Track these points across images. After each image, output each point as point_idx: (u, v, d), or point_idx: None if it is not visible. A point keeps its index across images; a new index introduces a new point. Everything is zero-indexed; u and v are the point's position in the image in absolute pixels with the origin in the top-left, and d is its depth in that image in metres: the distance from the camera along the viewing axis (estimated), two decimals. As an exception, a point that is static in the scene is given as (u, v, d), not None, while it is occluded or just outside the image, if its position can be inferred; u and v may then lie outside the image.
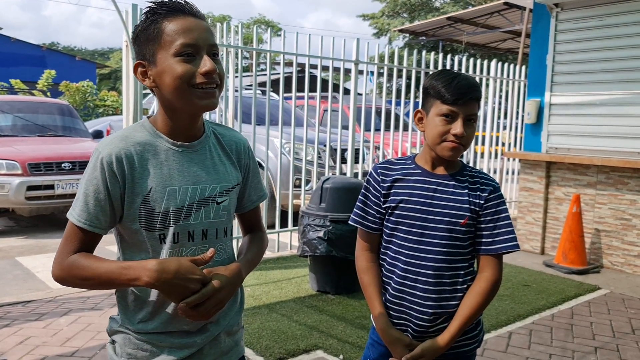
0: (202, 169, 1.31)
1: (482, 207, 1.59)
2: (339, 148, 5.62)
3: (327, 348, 3.18)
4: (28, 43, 23.57)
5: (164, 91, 1.24)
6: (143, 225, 1.25)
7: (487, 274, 1.59)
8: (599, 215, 5.36)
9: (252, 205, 1.48)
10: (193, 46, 1.22)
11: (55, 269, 1.25)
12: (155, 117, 1.31)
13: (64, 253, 1.24)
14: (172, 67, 1.21)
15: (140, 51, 1.27)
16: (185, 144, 1.30)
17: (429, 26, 16.64)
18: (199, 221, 1.30)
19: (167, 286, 1.16)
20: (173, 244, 1.27)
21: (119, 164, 1.22)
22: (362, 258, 1.70)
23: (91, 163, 1.24)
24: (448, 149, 1.56)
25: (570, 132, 5.61)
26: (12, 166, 6.11)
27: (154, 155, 1.26)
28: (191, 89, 1.22)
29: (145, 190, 1.24)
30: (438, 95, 1.56)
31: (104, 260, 1.22)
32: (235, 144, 1.41)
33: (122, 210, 1.25)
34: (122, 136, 1.26)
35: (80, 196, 1.24)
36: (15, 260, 5.18)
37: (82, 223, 1.23)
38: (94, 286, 1.24)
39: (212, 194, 1.31)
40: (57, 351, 3.09)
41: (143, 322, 1.29)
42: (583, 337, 3.56)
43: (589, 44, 5.41)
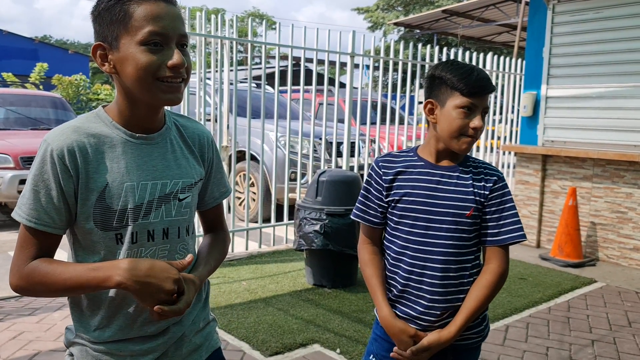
0: (163, 163, 1.22)
1: (487, 198, 1.57)
2: (335, 141, 5.59)
3: (324, 342, 3.16)
4: (20, 36, 23.35)
5: (124, 79, 1.14)
6: (98, 224, 1.15)
7: (494, 265, 1.57)
8: (595, 208, 5.37)
9: (215, 202, 1.39)
10: (162, 35, 1.11)
11: (13, 278, 1.14)
12: (112, 107, 1.21)
13: (21, 261, 1.13)
14: (136, 55, 1.10)
15: (101, 32, 1.15)
16: (144, 136, 1.20)
17: (424, 19, 16.61)
18: (159, 219, 1.20)
19: (140, 285, 1.07)
20: (131, 244, 1.17)
21: (71, 157, 1.11)
22: (364, 251, 1.67)
23: (39, 156, 1.12)
24: (465, 143, 1.54)
25: (567, 125, 5.60)
26: (4, 160, 6.05)
27: (110, 148, 1.16)
28: (155, 82, 1.12)
29: (100, 187, 1.14)
30: (457, 88, 1.52)
31: (68, 264, 1.13)
32: (199, 137, 1.32)
33: (75, 208, 1.15)
34: (74, 127, 1.15)
35: (27, 193, 1.12)
36: (8, 255, 5.12)
37: (34, 223, 1.12)
38: (60, 293, 1.14)
39: (174, 190, 1.22)
40: (50, 346, 3.05)
41: (99, 329, 1.19)
42: (580, 330, 3.56)
43: (586, 37, 5.39)
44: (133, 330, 1.20)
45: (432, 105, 1.59)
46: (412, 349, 1.54)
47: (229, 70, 4.90)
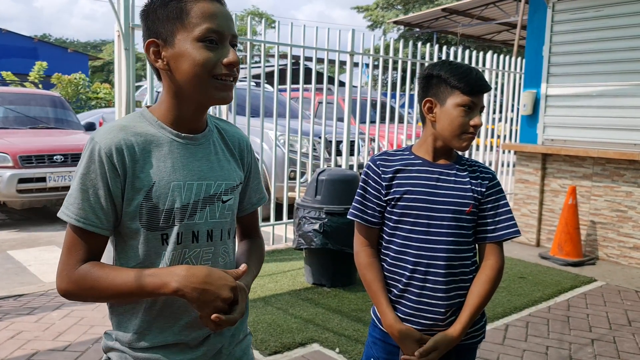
0: (207, 164, 1.21)
1: (484, 195, 1.60)
2: (334, 140, 5.58)
3: (323, 341, 3.16)
4: (19, 35, 23.32)
5: (177, 76, 1.13)
6: (144, 224, 1.13)
7: (492, 261, 1.60)
8: (594, 207, 5.36)
9: (252, 208, 1.38)
10: (218, 33, 1.12)
11: (62, 283, 1.11)
12: (156, 107, 1.20)
13: (70, 265, 1.11)
14: (193, 52, 1.10)
15: (154, 28, 1.14)
16: (190, 137, 1.19)
17: (424, 18, 16.59)
18: (203, 221, 1.19)
19: (198, 293, 1.06)
20: (176, 245, 1.15)
21: (119, 155, 1.10)
22: (363, 254, 1.65)
23: (86, 155, 1.10)
24: (466, 140, 1.57)
25: (567, 124, 5.59)
26: (3, 159, 6.03)
27: (156, 147, 1.14)
28: (211, 79, 1.12)
29: (147, 186, 1.12)
30: (457, 87, 1.54)
31: (121, 269, 1.11)
32: (239, 141, 1.32)
33: (121, 208, 1.13)
34: (121, 125, 1.14)
35: (75, 193, 1.10)
36: (7, 254, 5.11)
37: (82, 223, 1.09)
38: (111, 298, 1.13)
39: (218, 191, 1.21)
40: (49, 345, 3.04)
41: (138, 333, 1.16)
42: (579, 329, 3.55)
43: (586, 35, 5.38)
44: (172, 335, 1.17)
45: (431, 103, 1.60)
46: (420, 350, 1.52)
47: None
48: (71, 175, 6.32)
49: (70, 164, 6.38)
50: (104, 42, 44.54)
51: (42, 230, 6.16)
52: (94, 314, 3.51)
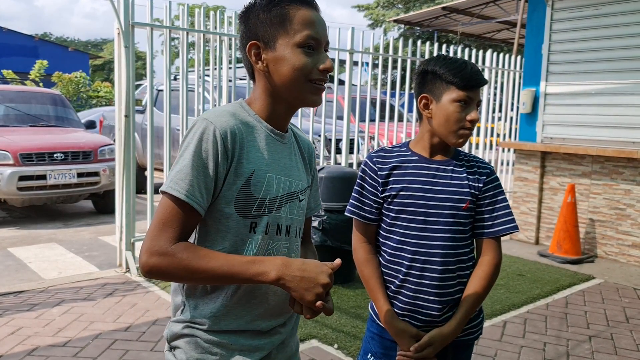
0: (289, 162, 1.27)
1: (481, 191, 1.59)
2: (334, 138, 5.59)
3: (322, 337, 3.17)
4: (20, 33, 23.37)
5: (275, 78, 1.19)
6: (239, 209, 1.16)
7: (489, 257, 1.59)
8: (593, 205, 5.37)
9: (310, 214, 1.41)
10: (316, 40, 1.19)
11: (151, 258, 1.09)
12: (253, 101, 1.25)
13: (164, 240, 1.10)
14: (292, 57, 1.17)
15: (255, 31, 1.20)
16: (280, 134, 1.25)
17: (424, 16, 16.59)
18: (285, 215, 1.24)
19: (297, 281, 1.09)
20: (264, 235, 1.19)
21: (232, 139, 1.14)
22: (361, 250, 1.66)
23: (198, 133, 1.12)
24: (463, 136, 1.56)
25: (566, 122, 5.60)
26: (4, 156, 6.05)
27: (256, 139, 1.20)
28: (306, 83, 1.19)
29: (247, 173, 1.16)
30: (452, 82, 1.54)
31: (217, 253, 1.13)
32: (308, 147, 1.38)
33: (220, 190, 1.15)
34: (231, 112, 1.19)
35: (185, 169, 1.11)
36: (8, 251, 5.13)
37: (190, 198, 1.10)
38: (202, 280, 1.14)
39: (296, 190, 1.27)
40: (49, 341, 3.06)
41: (216, 317, 1.18)
42: (577, 325, 3.57)
43: (585, 33, 5.39)
44: (245, 323, 1.20)
45: (427, 100, 1.60)
46: (415, 345, 1.53)
47: (227, 67, 4.90)
48: (71, 173, 6.33)
49: (70, 162, 6.39)
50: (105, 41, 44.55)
51: (42, 228, 6.18)
52: (94, 310, 3.53)
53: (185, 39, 4.53)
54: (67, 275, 4.37)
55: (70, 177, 6.34)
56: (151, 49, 4.44)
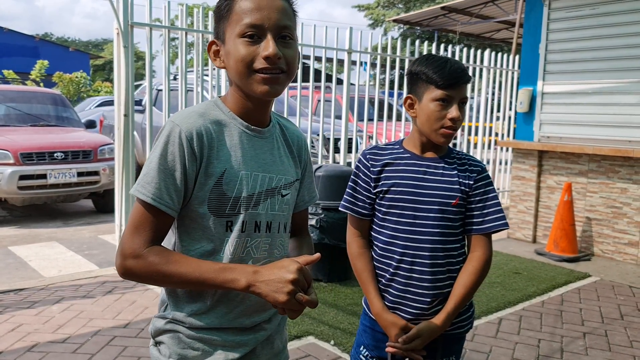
0: (270, 158, 1.24)
1: (472, 188, 1.62)
2: (332, 137, 5.62)
3: (319, 334, 3.21)
4: (21, 33, 23.42)
5: (229, 73, 1.19)
6: (212, 209, 1.16)
7: (479, 253, 1.62)
8: (590, 203, 5.40)
9: (304, 206, 1.40)
10: (257, 27, 1.12)
11: (125, 261, 1.11)
12: (227, 98, 1.23)
13: (137, 244, 1.11)
14: (235, 48, 1.14)
15: (215, 29, 1.21)
16: (257, 129, 1.23)
17: (423, 16, 16.61)
18: (265, 212, 1.22)
19: (265, 284, 1.08)
20: (240, 233, 1.18)
21: (199, 140, 1.13)
22: (354, 244, 1.71)
23: (164, 136, 1.12)
24: (444, 135, 1.58)
25: (563, 121, 5.63)
26: (4, 156, 6.09)
27: (228, 136, 1.18)
28: (252, 73, 1.14)
29: (219, 172, 1.15)
30: (431, 81, 1.56)
31: (189, 258, 1.13)
32: (297, 139, 1.35)
33: (192, 191, 1.15)
34: (199, 112, 1.17)
35: (151, 172, 1.11)
36: (8, 250, 5.17)
37: (157, 202, 1.10)
38: (174, 284, 1.15)
39: (278, 185, 1.24)
40: (49, 338, 3.10)
41: (197, 314, 1.19)
42: (572, 322, 3.60)
43: (582, 33, 5.42)
44: (228, 320, 1.20)
45: (412, 100, 1.64)
46: (403, 337, 1.57)
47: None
48: (71, 172, 6.37)
49: (70, 162, 6.43)
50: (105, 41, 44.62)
51: (42, 227, 6.21)
52: (93, 307, 3.57)
53: (184, 39, 4.56)
54: (67, 274, 4.41)
55: (70, 176, 6.38)
56: (150, 49, 4.47)
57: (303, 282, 1.09)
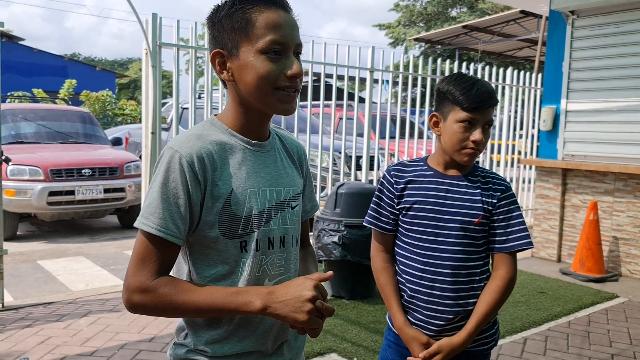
0: (275, 171, 1.21)
1: (495, 207, 1.62)
2: (354, 155, 5.66)
3: (341, 351, 3.21)
4: (50, 54, 24.08)
5: (241, 87, 1.13)
6: (224, 232, 1.12)
7: (502, 271, 1.62)
8: (617, 223, 5.31)
9: (306, 217, 1.36)
10: (282, 44, 1.11)
11: (134, 295, 1.07)
12: (225, 115, 1.20)
13: (144, 276, 1.07)
14: (256, 64, 1.10)
15: (220, 39, 1.14)
16: (259, 144, 1.19)
17: (445, 35, 16.66)
18: (277, 227, 1.19)
19: (282, 304, 1.05)
20: (255, 252, 1.15)
21: (200, 164, 1.09)
22: (378, 259, 1.73)
23: (164, 164, 1.09)
24: (466, 155, 1.60)
25: (587, 139, 5.58)
26: (35, 172, 6.26)
27: (230, 155, 1.15)
28: (274, 91, 1.11)
29: (226, 194, 1.12)
30: (457, 102, 1.58)
31: (200, 285, 1.09)
32: (297, 149, 1.32)
33: (199, 217, 1.11)
34: (197, 134, 1.13)
35: (154, 202, 1.08)
36: (37, 264, 5.29)
37: (163, 233, 1.07)
38: (188, 314, 1.11)
39: (287, 197, 1.21)
40: (77, 351, 3.16)
41: (218, 342, 1.15)
42: (600, 344, 3.53)
43: (606, 51, 5.39)
44: (250, 343, 1.17)
45: (437, 118, 1.67)
46: (423, 353, 1.58)
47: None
48: (98, 188, 6.50)
49: (97, 178, 6.58)
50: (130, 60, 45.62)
51: (70, 242, 6.34)
52: (120, 321, 3.63)
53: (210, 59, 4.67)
54: (94, 288, 4.49)
55: (97, 192, 6.51)
56: (177, 68, 4.59)
57: (320, 299, 1.07)
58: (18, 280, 4.73)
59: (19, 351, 3.12)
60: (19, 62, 20.49)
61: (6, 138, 6.86)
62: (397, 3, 30.35)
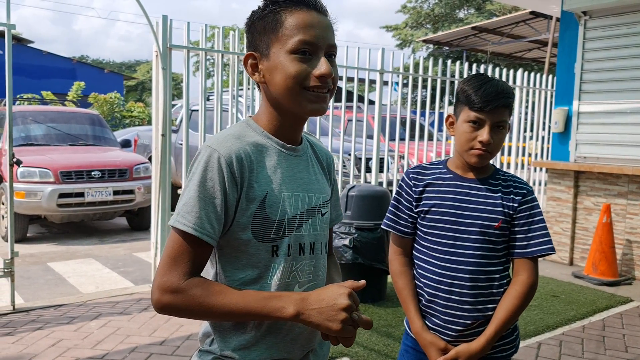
0: (307, 176, 1.20)
1: (516, 211, 1.59)
2: (364, 157, 5.63)
3: (353, 355, 3.18)
4: (59, 56, 24.23)
5: (272, 89, 1.13)
6: (257, 235, 1.10)
7: (523, 277, 1.59)
8: (630, 225, 5.25)
9: (330, 225, 1.32)
10: (312, 44, 1.10)
11: (164, 296, 1.05)
12: (260, 117, 1.19)
13: (176, 277, 1.05)
14: (285, 64, 1.09)
15: (253, 41, 1.15)
16: (293, 148, 1.18)
17: (453, 36, 16.60)
18: (307, 233, 1.17)
19: (317, 312, 1.03)
20: (286, 257, 1.13)
21: (239, 164, 1.08)
22: (396, 262, 1.70)
23: (203, 163, 1.07)
24: (474, 156, 1.57)
25: (600, 141, 5.52)
26: (45, 174, 6.27)
27: (266, 158, 1.14)
28: (302, 91, 1.10)
29: (261, 196, 1.10)
30: (466, 101, 1.56)
31: (234, 290, 1.07)
32: (326, 157, 1.31)
33: (233, 218, 1.10)
34: (236, 135, 1.12)
35: (191, 201, 1.06)
36: (47, 266, 5.30)
37: (199, 232, 1.05)
38: (218, 317, 1.08)
39: (317, 204, 1.20)
40: (88, 353, 3.15)
41: (246, 348, 1.13)
42: (615, 349, 3.48)
43: (619, 52, 5.34)
44: (278, 351, 1.15)
45: (452, 118, 1.66)
46: (441, 359, 1.56)
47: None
48: (108, 190, 6.51)
49: (107, 180, 6.59)
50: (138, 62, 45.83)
51: (80, 244, 6.36)
52: (130, 324, 3.61)
53: (220, 61, 4.66)
54: (104, 290, 4.49)
55: (107, 194, 6.52)
56: (187, 70, 4.58)
57: (354, 308, 1.05)
58: (29, 282, 4.74)
59: (30, 354, 3.11)
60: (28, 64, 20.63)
61: (16, 140, 6.88)
62: (405, 5, 30.32)
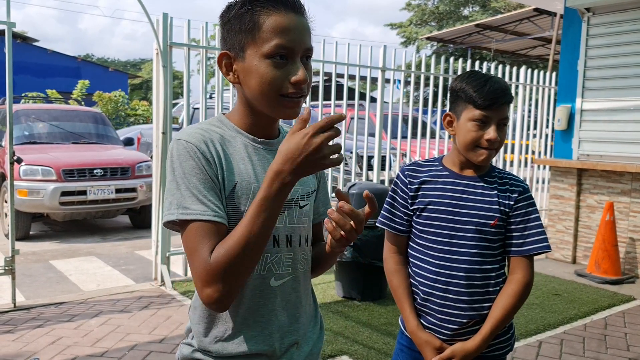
0: None
1: (512, 209, 1.58)
2: (366, 155, 5.62)
3: (353, 354, 3.17)
4: (64, 55, 24.29)
5: (247, 91, 1.12)
6: (229, 224, 1.10)
7: (519, 275, 1.58)
8: (633, 223, 5.21)
9: (319, 219, 1.32)
10: (288, 49, 1.08)
11: (209, 288, 1.03)
12: (233, 114, 1.20)
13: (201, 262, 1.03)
14: (261, 69, 1.08)
15: (229, 39, 1.13)
16: (265, 141, 1.18)
17: (457, 34, 16.55)
18: (282, 225, 1.17)
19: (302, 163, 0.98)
20: None
21: (208, 150, 1.09)
22: (391, 260, 1.69)
23: (177, 155, 1.08)
24: (481, 155, 1.55)
25: (603, 139, 5.48)
26: (48, 172, 6.29)
27: (235, 150, 1.14)
28: (278, 98, 1.09)
29: (230, 185, 1.11)
30: (470, 100, 1.54)
31: (240, 223, 1.04)
32: None
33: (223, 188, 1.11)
34: (203, 128, 1.14)
35: (183, 191, 1.06)
36: (49, 264, 5.31)
37: (208, 215, 1.05)
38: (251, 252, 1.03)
39: (294, 196, 1.19)
40: (87, 351, 3.15)
41: (224, 340, 1.14)
42: (617, 347, 3.46)
43: (622, 49, 5.30)
44: (256, 344, 1.14)
45: (450, 117, 1.62)
46: (436, 358, 1.55)
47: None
48: (110, 188, 6.52)
49: (109, 178, 6.60)
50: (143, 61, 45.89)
51: (82, 242, 6.37)
52: (131, 322, 3.62)
53: (220, 59, 4.66)
54: (105, 288, 4.50)
55: (109, 192, 6.53)
56: (188, 68, 4.58)
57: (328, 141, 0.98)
58: (30, 280, 4.75)
59: (30, 351, 3.12)
60: (33, 63, 20.69)
61: (19, 138, 6.92)
62: (409, 2, 30.23)
